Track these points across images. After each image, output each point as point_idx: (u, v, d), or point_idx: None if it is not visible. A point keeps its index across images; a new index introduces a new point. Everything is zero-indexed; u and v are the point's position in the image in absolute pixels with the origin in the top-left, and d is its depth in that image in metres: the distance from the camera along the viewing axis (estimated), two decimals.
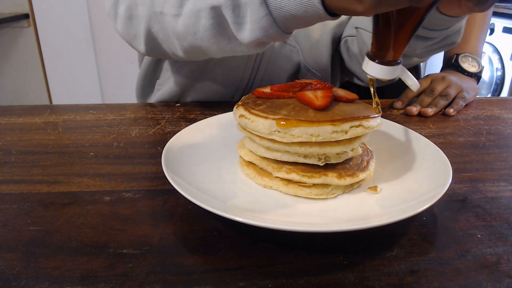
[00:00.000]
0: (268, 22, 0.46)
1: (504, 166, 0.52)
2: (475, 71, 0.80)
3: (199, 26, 0.52)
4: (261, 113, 0.41)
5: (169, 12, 0.55)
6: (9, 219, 0.39)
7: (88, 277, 0.32)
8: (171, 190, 0.41)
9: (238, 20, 0.49)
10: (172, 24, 0.55)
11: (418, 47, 0.60)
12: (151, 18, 0.57)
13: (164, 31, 0.58)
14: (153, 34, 0.59)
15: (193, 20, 0.52)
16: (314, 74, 0.78)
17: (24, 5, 2.10)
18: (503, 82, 2.21)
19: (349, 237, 0.37)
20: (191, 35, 0.54)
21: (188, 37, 0.55)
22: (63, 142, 0.57)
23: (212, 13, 0.50)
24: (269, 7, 0.44)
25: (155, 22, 0.57)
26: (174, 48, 0.59)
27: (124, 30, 0.62)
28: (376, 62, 0.42)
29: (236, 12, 0.48)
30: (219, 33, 0.52)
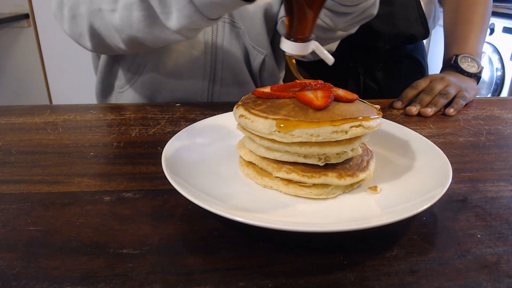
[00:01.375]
0: (191, 9, 0.52)
1: (504, 166, 0.52)
2: (475, 71, 0.80)
3: (133, 18, 0.58)
4: (261, 113, 0.41)
5: (106, 8, 0.60)
6: (9, 219, 0.39)
7: (88, 277, 0.32)
8: (171, 190, 0.41)
9: (165, 10, 0.55)
10: (110, 19, 0.60)
11: (339, 22, 0.65)
12: (92, 15, 0.62)
13: (105, 26, 0.62)
14: (95, 30, 0.63)
15: (127, 13, 0.58)
16: (259, 52, 0.81)
17: (24, 5, 2.10)
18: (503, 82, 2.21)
19: (349, 237, 0.37)
20: (127, 28, 0.59)
21: (126, 30, 0.60)
22: (63, 142, 0.57)
23: (142, 5, 0.56)
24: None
25: (96, 18, 0.62)
26: (116, 42, 0.64)
27: (71, 30, 0.66)
28: (290, 40, 0.46)
29: (163, 3, 0.54)
30: (151, 23, 0.58)
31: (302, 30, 0.47)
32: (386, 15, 0.89)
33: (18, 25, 2.18)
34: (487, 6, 0.87)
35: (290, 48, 0.47)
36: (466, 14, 0.86)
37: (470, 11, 0.86)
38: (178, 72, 0.78)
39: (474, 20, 0.85)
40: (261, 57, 0.82)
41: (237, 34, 0.80)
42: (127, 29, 0.60)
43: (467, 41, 0.83)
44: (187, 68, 0.78)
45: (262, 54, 0.81)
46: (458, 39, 0.85)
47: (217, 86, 0.81)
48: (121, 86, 0.82)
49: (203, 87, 0.80)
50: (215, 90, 0.82)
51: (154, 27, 0.58)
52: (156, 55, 0.76)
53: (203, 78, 0.80)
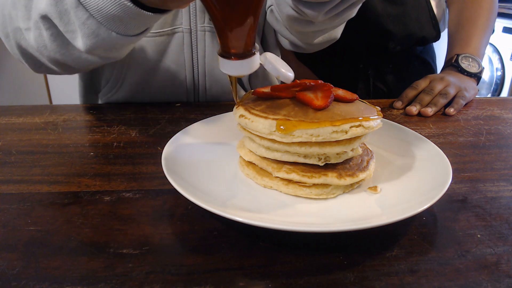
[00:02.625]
0: (94, 26, 0.42)
1: (504, 166, 0.52)
2: (475, 71, 0.80)
3: (45, 38, 0.48)
4: (261, 113, 0.41)
5: (22, 26, 0.50)
6: (9, 219, 0.39)
7: (88, 277, 0.32)
8: (171, 190, 0.41)
9: (68, 28, 0.44)
10: (28, 38, 0.51)
11: (317, 15, 0.54)
12: (16, 35, 0.53)
13: (29, 46, 0.53)
14: (25, 50, 0.54)
15: (38, 32, 0.48)
16: None
17: None
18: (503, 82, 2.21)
19: (349, 237, 0.37)
20: (43, 48, 0.50)
21: (43, 51, 0.50)
22: (63, 142, 0.57)
23: (46, 23, 0.46)
24: (88, 10, 0.41)
25: (19, 38, 0.52)
26: (45, 62, 0.54)
27: (10, 50, 0.57)
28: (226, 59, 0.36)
29: (65, 20, 0.44)
30: (63, 43, 0.48)
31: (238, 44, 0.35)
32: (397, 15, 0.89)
33: None
34: (492, 11, 0.87)
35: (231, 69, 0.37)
36: (470, 16, 0.87)
37: (474, 14, 0.86)
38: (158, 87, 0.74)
39: (478, 22, 0.85)
40: None
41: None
42: (44, 50, 0.50)
43: (469, 42, 0.84)
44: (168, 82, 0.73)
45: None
46: (460, 39, 0.86)
47: (202, 98, 0.77)
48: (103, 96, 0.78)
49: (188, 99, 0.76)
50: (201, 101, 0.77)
51: (68, 47, 0.48)
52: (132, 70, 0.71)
53: (187, 90, 0.75)
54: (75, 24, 0.44)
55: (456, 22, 0.89)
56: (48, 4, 0.44)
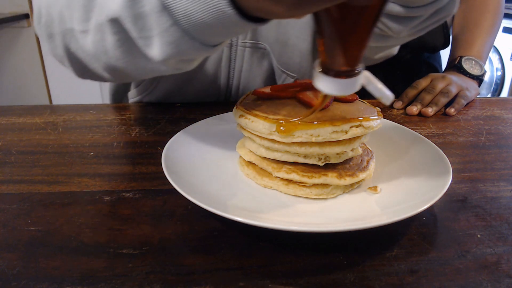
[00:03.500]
0: (177, 34, 0.37)
1: (504, 166, 0.52)
2: (477, 73, 0.80)
3: (107, 44, 0.43)
4: (261, 113, 0.41)
5: (77, 28, 0.45)
6: (9, 219, 0.39)
7: (88, 277, 0.32)
8: (171, 190, 0.41)
9: (143, 34, 0.39)
10: (82, 41, 0.46)
11: (403, 29, 0.51)
12: (65, 36, 0.47)
13: (81, 50, 0.48)
14: (73, 54, 0.49)
15: (99, 36, 0.43)
16: (290, 75, 0.72)
17: (24, 5, 2.10)
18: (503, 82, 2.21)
19: (349, 237, 0.37)
20: (103, 54, 0.45)
21: (101, 57, 0.46)
22: (63, 142, 0.57)
23: (114, 27, 0.41)
24: (174, 16, 0.36)
25: (70, 40, 0.47)
26: (97, 69, 0.49)
27: (51, 51, 0.52)
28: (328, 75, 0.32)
29: (139, 25, 0.39)
30: (129, 51, 0.43)
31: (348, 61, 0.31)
32: None
33: (18, 25, 2.18)
34: (497, 14, 0.87)
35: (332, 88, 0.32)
36: (475, 20, 0.86)
37: (479, 17, 0.86)
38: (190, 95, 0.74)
39: (482, 25, 0.85)
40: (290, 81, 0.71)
41: (260, 56, 0.70)
42: (103, 57, 0.45)
43: (473, 45, 0.84)
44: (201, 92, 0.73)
45: (293, 78, 0.72)
46: (464, 42, 0.86)
47: None
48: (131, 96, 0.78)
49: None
50: None
51: (133, 55, 0.43)
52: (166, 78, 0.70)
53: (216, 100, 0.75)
54: (154, 30, 0.38)
55: (460, 25, 0.89)
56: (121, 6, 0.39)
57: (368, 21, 0.29)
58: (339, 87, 0.32)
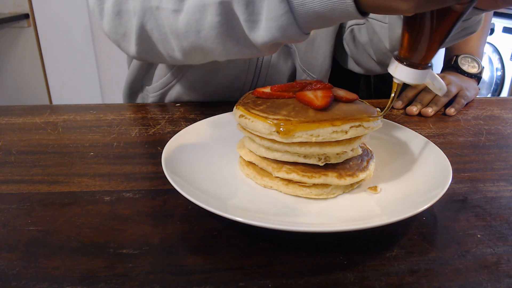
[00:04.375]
0: (288, 20, 0.40)
1: (504, 166, 0.52)
2: (475, 72, 0.80)
3: (204, 24, 0.46)
4: (261, 113, 0.41)
5: (167, 7, 0.48)
6: (9, 219, 0.39)
7: (88, 277, 0.32)
8: (171, 190, 0.41)
9: (251, 18, 0.43)
10: (171, 20, 0.49)
11: None
12: (145, 14, 0.51)
13: (160, 29, 0.51)
14: (147, 32, 0.53)
15: (197, 16, 0.46)
16: (310, 76, 0.76)
17: (24, 5, 2.10)
18: (503, 82, 2.21)
19: (349, 237, 0.37)
20: (193, 34, 0.48)
21: (190, 36, 0.49)
22: (63, 142, 0.57)
23: (221, 8, 0.44)
24: (290, 3, 0.39)
25: (150, 18, 0.51)
26: (170, 49, 0.53)
27: (112, 28, 0.55)
28: (405, 65, 0.39)
29: (250, 9, 0.42)
30: (227, 32, 0.46)
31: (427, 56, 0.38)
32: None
33: (18, 25, 2.18)
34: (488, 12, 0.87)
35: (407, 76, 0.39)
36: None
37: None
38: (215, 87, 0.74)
39: None
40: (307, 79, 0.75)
41: (286, 53, 0.74)
42: (193, 36, 0.48)
43: (467, 41, 0.83)
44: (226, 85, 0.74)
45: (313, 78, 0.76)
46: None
47: None
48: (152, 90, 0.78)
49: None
50: None
51: (229, 37, 0.46)
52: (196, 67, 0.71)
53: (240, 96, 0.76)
54: (264, 15, 0.42)
55: None
56: None
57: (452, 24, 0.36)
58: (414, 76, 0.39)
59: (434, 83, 0.43)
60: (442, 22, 0.36)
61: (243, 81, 0.74)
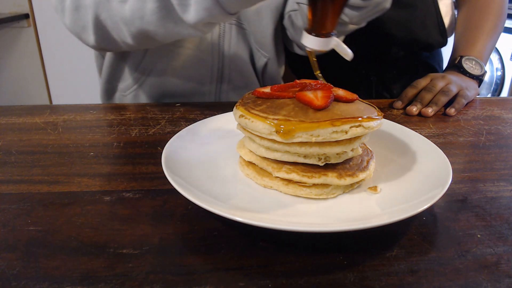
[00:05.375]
0: (212, 2, 0.49)
1: (504, 166, 0.52)
2: (477, 73, 0.80)
3: (146, 10, 0.54)
4: (261, 113, 0.41)
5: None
6: (9, 219, 0.39)
7: (88, 277, 0.32)
8: (171, 190, 0.41)
9: (182, 2, 0.51)
10: (119, 10, 0.57)
11: (354, 16, 0.64)
12: (99, 6, 0.58)
13: (112, 18, 0.59)
14: (101, 22, 0.60)
15: (140, 4, 0.54)
16: (263, 55, 0.81)
17: (24, 5, 2.10)
18: (503, 82, 2.21)
19: (349, 237, 0.37)
20: (138, 20, 0.56)
21: (136, 22, 0.57)
22: (63, 142, 0.57)
23: None
24: None
25: (102, 10, 0.58)
26: (123, 35, 0.61)
27: (73, 23, 0.62)
28: (312, 35, 0.47)
29: None
30: (165, 16, 0.54)
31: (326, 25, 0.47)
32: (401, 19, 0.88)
33: (18, 25, 2.18)
34: (500, 17, 0.87)
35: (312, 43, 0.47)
36: (478, 20, 0.87)
37: (481, 19, 0.87)
38: (186, 74, 0.78)
39: (484, 27, 0.85)
40: (264, 60, 0.82)
41: (243, 35, 0.80)
42: (138, 22, 0.57)
43: (474, 45, 0.84)
44: (195, 70, 0.78)
45: (265, 57, 0.82)
46: (466, 42, 0.86)
47: (224, 87, 0.81)
48: (125, 89, 0.81)
49: (211, 88, 0.81)
50: (223, 90, 0.82)
51: (167, 20, 0.55)
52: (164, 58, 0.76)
53: (211, 80, 0.80)
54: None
55: (463, 26, 0.89)
56: None
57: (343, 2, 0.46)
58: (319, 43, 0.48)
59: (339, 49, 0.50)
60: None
61: (210, 64, 0.78)
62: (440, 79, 0.75)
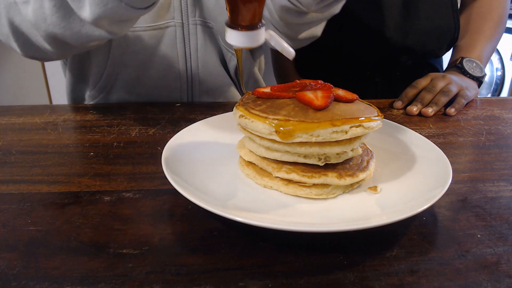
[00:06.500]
0: None
1: (504, 166, 0.52)
2: (477, 75, 0.81)
3: (45, 10, 0.48)
4: (261, 113, 0.41)
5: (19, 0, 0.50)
6: (9, 219, 0.39)
7: (88, 277, 0.32)
8: (171, 190, 0.41)
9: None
10: (25, 12, 0.51)
11: (311, 4, 0.57)
12: (10, 10, 0.52)
13: (24, 23, 0.52)
14: (17, 28, 0.54)
15: (39, 3, 0.48)
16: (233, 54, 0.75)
17: None
18: (503, 82, 2.21)
19: (349, 237, 0.37)
20: (42, 22, 0.50)
21: (41, 25, 0.50)
22: (63, 142, 0.57)
23: None
24: None
25: (14, 13, 0.52)
26: (39, 41, 0.54)
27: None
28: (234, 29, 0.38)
29: None
30: (66, 15, 0.48)
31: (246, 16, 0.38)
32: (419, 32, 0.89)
33: None
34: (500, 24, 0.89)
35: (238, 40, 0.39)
36: (478, 26, 0.88)
37: (482, 24, 0.88)
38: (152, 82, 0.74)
39: (484, 31, 0.87)
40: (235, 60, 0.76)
41: (210, 34, 0.73)
42: (43, 24, 0.50)
43: (474, 48, 0.85)
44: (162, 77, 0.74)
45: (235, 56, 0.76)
46: (466, 45, 0.87)
47: (196, 91, 0.77)
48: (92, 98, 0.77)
49: (182, 94, 0.76)
50: (195, 94, 0.77)
51: (69, 19, 0.48)
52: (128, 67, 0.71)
53: (180, 85, 0.75)
54: None
55: (464, 29, 0.90)
56: None
57: None
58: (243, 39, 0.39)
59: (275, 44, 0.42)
60: None
61: (177, 69, 0.73)
62: (440, 79, 0.75)
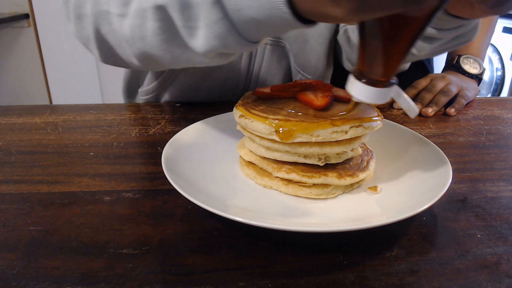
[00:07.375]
0: (225, 27, 0.37)
1: (504, 166, 0.52)
2: (476, 72, 0.80)
3: (146, 30, 0.43)
4: (261, 113, 0.41)
5: (114, 11, 0.45)
6: (9, 219, 0.39)
7: (88, 277, 0.32)
8: (171, 190, 0.41)
9: (188, 24, 0.39)
10: (118, 25, 0.46)
11: (424, 49, 0.53)
12: (98, 18, 0.47)
13: (114, 34, 0.48)
14: (103, 37, 0.49)
15: (139, 21, 0.43)
16: (304, 76, 0.74)
17: (24, 5, 2.10)
18: (503, 82, 2.21)
19: (349, 237, 0.37)
20: (138, 40, 0.45)
21: (136, 43, 0.45)
22: (63, 142, 0.57)
23: (158, 13, 0.40)
24: (225, 9, 0.36)
25: (103, 22, 0.47)
26: (127, 55, 0.50)
27: (77, 32, 0.52)
28: (363, 82, 0.33)
29: (186, 14, 0.38)
30: (169, 39, 0.42)
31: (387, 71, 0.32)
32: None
33: (18, 25, 2.18)
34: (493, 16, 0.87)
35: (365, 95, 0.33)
36: None
37: None
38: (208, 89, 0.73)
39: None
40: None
41: (280, 54, 0.71)
42: (138, 43, 0.45)
43: (471, 43, 0.84)
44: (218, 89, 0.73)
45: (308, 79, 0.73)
46: None
47: None
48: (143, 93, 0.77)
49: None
50: None
51: (172, 44, 0.43)
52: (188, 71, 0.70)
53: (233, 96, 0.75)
54: (201, 21, 0.38)
55: None
56: None
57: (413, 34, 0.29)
58: (372, 95, 0.33)
59: (402, 104, 0.37)
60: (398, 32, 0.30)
61: (235, 83, 0.73)
62: (440, 80, 0.75)
